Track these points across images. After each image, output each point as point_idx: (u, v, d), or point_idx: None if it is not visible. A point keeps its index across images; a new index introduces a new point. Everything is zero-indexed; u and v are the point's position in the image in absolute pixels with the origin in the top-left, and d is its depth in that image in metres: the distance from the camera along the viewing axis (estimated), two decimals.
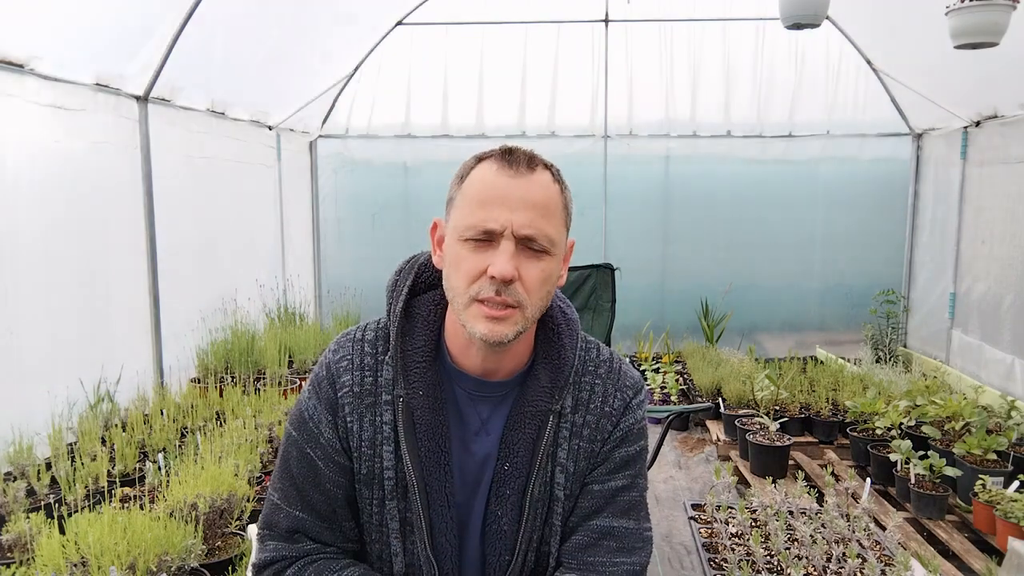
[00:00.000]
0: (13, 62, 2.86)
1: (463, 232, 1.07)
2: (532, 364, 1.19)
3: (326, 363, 1.18)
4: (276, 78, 4.90)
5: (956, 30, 3.08)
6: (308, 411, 1.17)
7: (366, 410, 1.15)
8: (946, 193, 5.06)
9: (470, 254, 1.07)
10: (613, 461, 1.19)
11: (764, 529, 1.70)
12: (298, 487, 1.17)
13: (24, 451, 2.72)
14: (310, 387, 1.18)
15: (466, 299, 1.08)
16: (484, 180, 1.08)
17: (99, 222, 3.44)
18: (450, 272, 1.10)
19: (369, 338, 1.19)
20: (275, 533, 1.18)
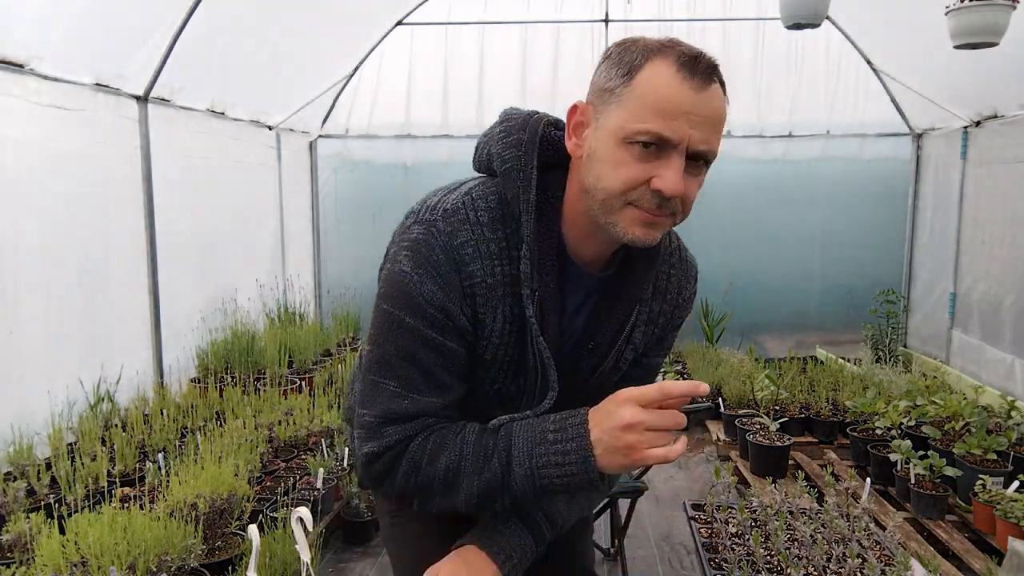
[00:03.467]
0: (13, 62, 2.86)
1: (632, 135, 1.01)
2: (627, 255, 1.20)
3: (441, 246, 1.10)
4: (276, 78, 4.89)
5: (956, 30, 3.08)
6: (425, 296, 1.09)
7: (499, 301, 1.12)
8: (946, 193, 5.06)
9: (634, 160, 1.02)
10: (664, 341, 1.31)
11: (764, 529, 1.70)
12: (424, 371, 1.13)
13: (24, 451, 2.72)
14: (421, 269, 1.09)
15: (620, 202, 1.05)
16: (667, 87, 1.00)
17: (99, 222, 3.44)
18: (603, 171, 1.05)
19: (485, 220, 1.12)
20: (394, 421, 1.14)
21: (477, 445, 1.11)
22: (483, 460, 1.10)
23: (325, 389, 4.04)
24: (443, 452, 1.12)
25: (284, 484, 2.83)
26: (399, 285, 1.11)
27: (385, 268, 1.17)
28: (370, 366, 1.17)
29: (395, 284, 1.12)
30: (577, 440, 1.04)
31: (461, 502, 1.13)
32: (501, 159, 1.15)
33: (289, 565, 2.30)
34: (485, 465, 1.10)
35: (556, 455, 1.05)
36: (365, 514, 3.03)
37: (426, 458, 1.13)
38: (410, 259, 1.11)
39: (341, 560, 2.90)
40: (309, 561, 1.84)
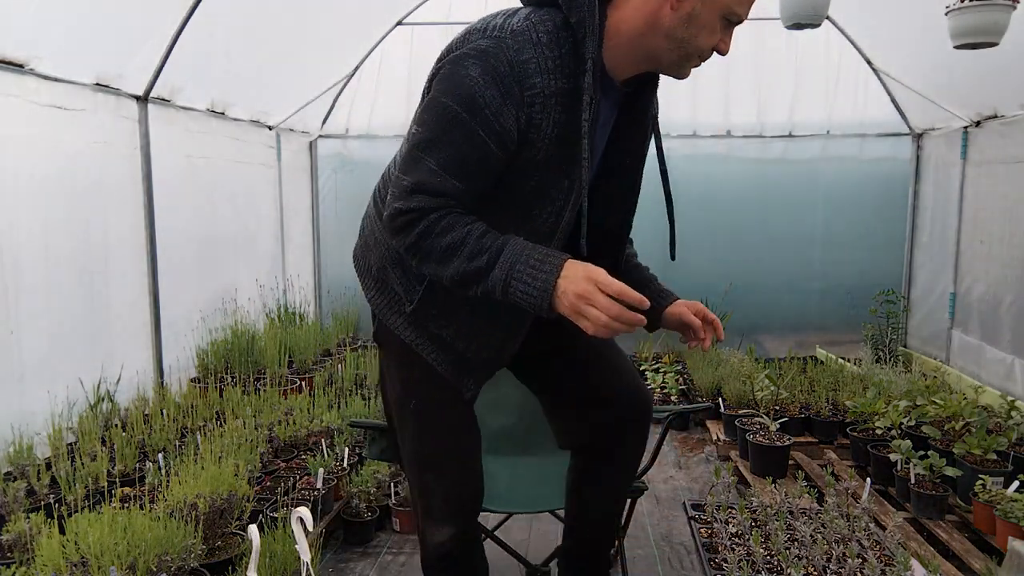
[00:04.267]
0: (13, 62, 2.86)
1: (731, 15, 1.38)
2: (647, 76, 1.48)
3: (508, 60, 1.29)
4: (276, 78, 4.89)
5: (956, 30, 3.08)
6: (485, 99, 1.29)
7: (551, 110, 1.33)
8: (946, 193, 5.06)
9: (719, 30, 1.39)
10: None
11: (764, 529, 1.70)
12: (462, 161, 1.33)
13: (24, 451, 2.72)
14: (486, 76, 1.29)
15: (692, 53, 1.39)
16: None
17: (99, 222, 3.44)
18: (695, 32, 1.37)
19: (545, 40, 1.32)
20: (424, 191, 1.34)
21: (478, 240, 1.33)
22: (477, 253, 1.32)
23: (325, 389, 4.04)
24: (451, 231, 1.33)
25: (284, 484, 2.83)
26: (464, 86, 1.30)
27: (446, 70, 1.34)
28: (418, 143, 1.35)
29: (459, 84, 1.31)
30: (548, 273, 1.28)
31: (447, 276, 1.36)
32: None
33: (289, 565, 2.30)
34: (476, 257, 1.32)
35: (528, 276, 1.29)
36: (365, 514, 3.03)
37: (436, 229, 1.33)
38: (478, 66, 1.30)
39: (341, 560, 2.90)
40: (309, 561, 1.84)
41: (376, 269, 1.62)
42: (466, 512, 1.71)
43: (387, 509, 3.13)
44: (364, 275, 1.68)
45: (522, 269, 1.30)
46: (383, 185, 1.63)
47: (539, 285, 1.29)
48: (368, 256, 1.65)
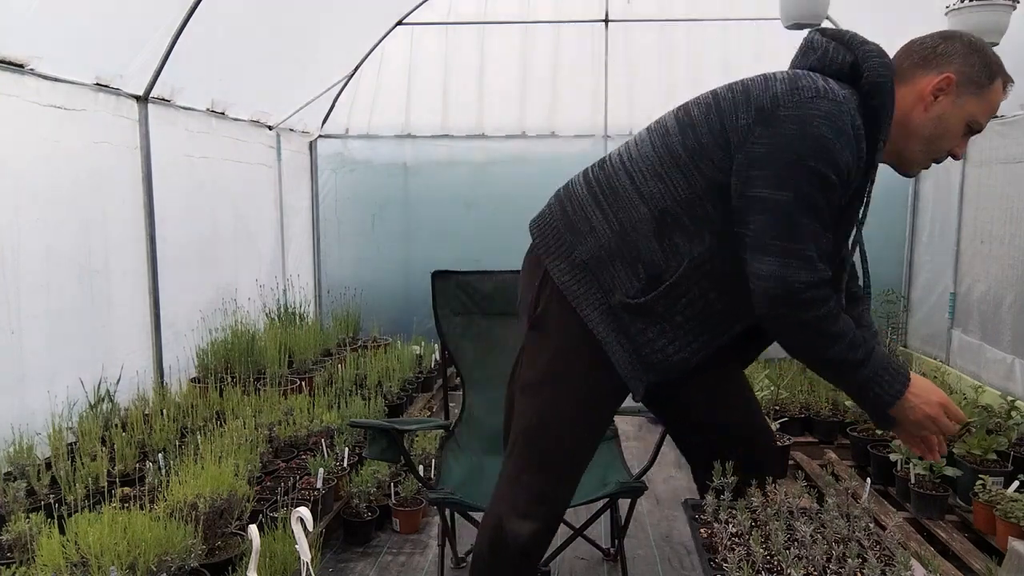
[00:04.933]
0: (13, 62, 2.86)
1: (975, 124, 1.52)
2: None
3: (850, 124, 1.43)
4: (276, 78, 4.89)
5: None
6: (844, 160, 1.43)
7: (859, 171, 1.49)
8: (946, 193, 5.06)
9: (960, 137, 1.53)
10: None
11: (764, 529, 1.69)
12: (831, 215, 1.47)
13: (24, 451, 2.72)
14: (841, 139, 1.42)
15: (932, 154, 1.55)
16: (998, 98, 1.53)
17: (99, 222, 3.44)
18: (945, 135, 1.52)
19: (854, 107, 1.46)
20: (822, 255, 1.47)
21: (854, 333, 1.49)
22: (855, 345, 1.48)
23: (325, 389, 4.03)
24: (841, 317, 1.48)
25: (284, 484, 2.83)
26: (823, 148, 1.41)
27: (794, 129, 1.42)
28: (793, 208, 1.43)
29: (819, 146, 1.41)
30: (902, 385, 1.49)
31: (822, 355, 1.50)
32: (877, 72, 1.47)
33: (289, 565, 2.30)
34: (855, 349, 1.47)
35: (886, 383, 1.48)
36: (365, 514, 3.03)
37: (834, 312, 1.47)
38: (830, 128, 1.41)
39: (341, 560, 2.90)
40: (309, 561, 1.84)
41: (589, 258, 1.62)
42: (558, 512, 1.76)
43: (387, 509, 3.13)
44: (561, 256, 1.66)
45: (882, 375, 1.48)
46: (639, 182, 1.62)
47: (893, 392, 1.48)
48: (578, 242, 1.64)
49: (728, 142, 1.48)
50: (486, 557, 1.77)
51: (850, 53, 1.51)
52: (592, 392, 1.68)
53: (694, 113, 1.55)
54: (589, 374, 1.66)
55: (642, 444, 4.21)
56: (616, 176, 1.64)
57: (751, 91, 1.51)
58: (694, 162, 1.52)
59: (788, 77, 1.49)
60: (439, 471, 2.48)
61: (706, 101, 1.56)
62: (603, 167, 1.68)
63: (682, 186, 1.54)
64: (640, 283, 1.58)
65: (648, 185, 1.58)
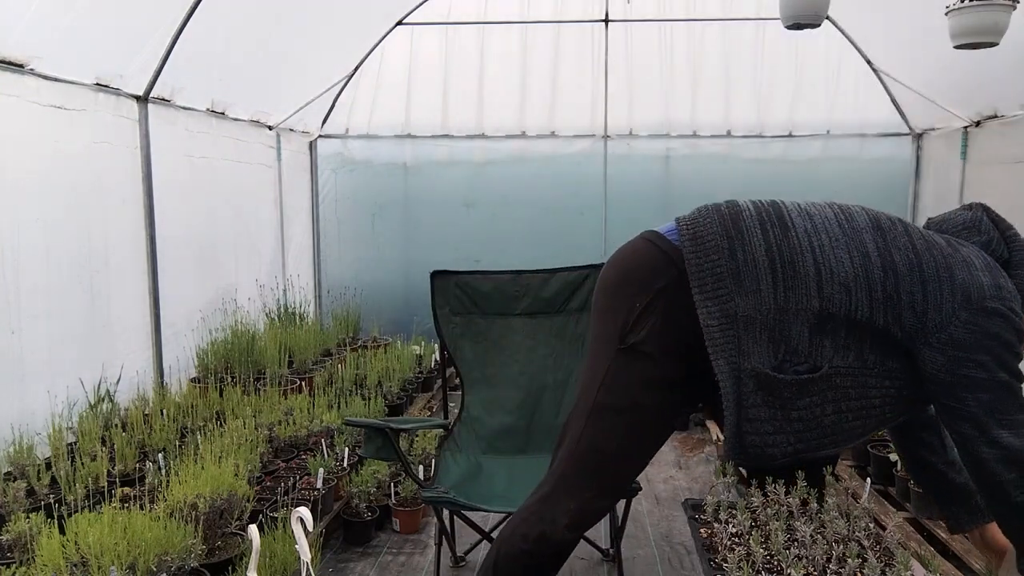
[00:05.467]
0: (13, 62, 2.86)
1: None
2: None
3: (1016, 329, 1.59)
4: (276, 78, 4.89)
5: (956, 30, 3.08)
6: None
7: None
8: (946, 193, 5.05)
9: None
10: None
11: (764, 529, 1.70)
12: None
13: (24, 451, 2.72)
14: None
15: None
16: None
17: (99, 222, 3.44)
18: None
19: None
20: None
21: None
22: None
23: (325, 389, 4.03)
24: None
25: (284, 484, 2.83)
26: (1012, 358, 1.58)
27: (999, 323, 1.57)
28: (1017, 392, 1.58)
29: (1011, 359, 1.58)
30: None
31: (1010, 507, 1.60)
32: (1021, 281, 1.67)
33: (289, 565, 2.30)
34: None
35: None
36: (365, 514, 3.03)
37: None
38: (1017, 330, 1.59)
39: (341, 560, 2.90)
40: (309, 561, 1.84)
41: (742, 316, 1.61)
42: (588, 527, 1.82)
43: (387, 509, 3.14)
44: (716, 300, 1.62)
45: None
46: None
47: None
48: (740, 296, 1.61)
49: (926, 314, 1.58)
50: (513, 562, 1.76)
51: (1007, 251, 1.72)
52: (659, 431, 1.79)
53: (897, 260, 1.61)
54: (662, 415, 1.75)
55: None
56: (802, 256, 1.62)
57: (955, 274, 1.60)
58: (884, 303, 1.59)
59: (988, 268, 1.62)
60: (436, 470, 2.49)
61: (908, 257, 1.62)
62: (787, 235, 1.64)
63: (863, 311, 1.59)
64: (774, 362, 1.62)
65: (832, 288, 1.59)
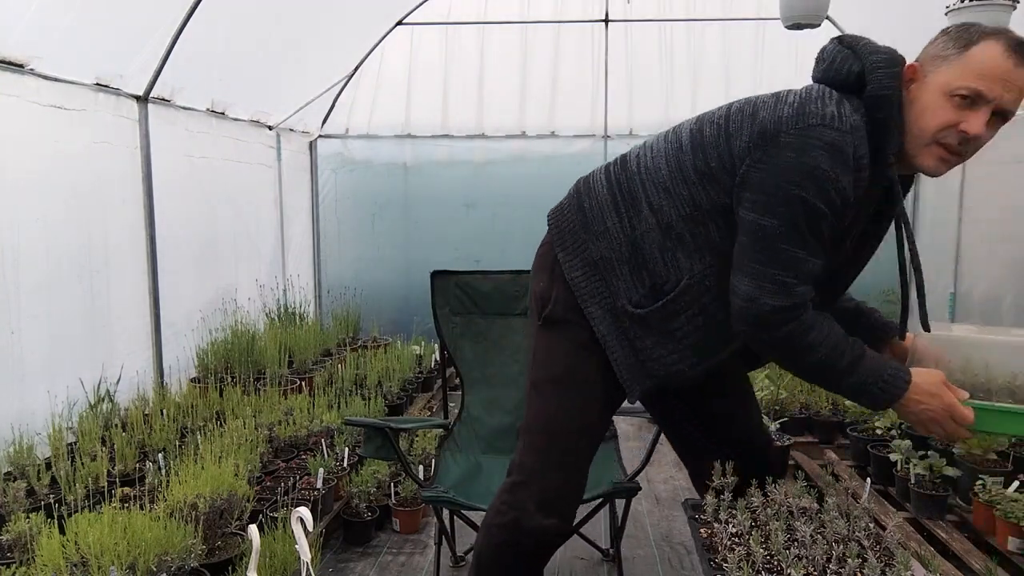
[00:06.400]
0: (13, 62, 2.86)
1: (955, 90, 1.37)
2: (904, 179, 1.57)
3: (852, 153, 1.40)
4: (276, 78, 4.89)
5: None
6: (838, 190, 1.41)
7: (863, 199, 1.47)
8: (946, 193, 5.05)
9: (951, 108, 1.37)
10: None
11: (764, 529, 1.70)
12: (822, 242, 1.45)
13: (24, 451, 2.72)
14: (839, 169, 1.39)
15: (930, 139, 1.40)
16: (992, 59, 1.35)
17: (99, 222, 3.44)
18: (923, 114, 1.41)
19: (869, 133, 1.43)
20: (803, 280, 1.46)
21: (837, 342, 1.48)
22: (837, 354, 1.47)
23: (325, 389, 4.03)
24: (813, 329, 1.47)
25: (284, 484, 2.83)
26: (818, 178, 1.39)
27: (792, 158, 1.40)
28: (779, 235, 1.43)
29: (814, 177, 1.39)
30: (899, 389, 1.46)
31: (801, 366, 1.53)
32: (881, 85, 1.43)
33: (289, 565, 2.30)
34: (837, 358, 1.47)
35: (879, 390, 1.47)
36: (365, 514, 3.03)
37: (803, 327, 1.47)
38: (828, 158, 1.39)
39: (341, 560, 2.90)
40: (309, 561, 1.84)
41: (600, 259, 1.64)
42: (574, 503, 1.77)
43: (387, 509, 3.13)
44: (574, 252, 1.68)
45: (876, 382, 1.47)
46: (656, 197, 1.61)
47: (887, 399, 1.48)
48: (592, 241, 1.66)
49: (735, 168, 1.48)
50: (495, 557, 1.77)
51: (858, 62, 1.47)
52: (598, 392, 1.70)
53: (707, 133, 1.54)
54: (596, 374, 1.68)
55: (642, 444, 4.21)
56: (633, 181, 1.64)
57: (759, 112, 1.48)
58: (702, 183, 1.53)
59: (799, 100, 1.46)
60: (436, 470, 2.49)
61: (719, 121, 1.53)
62: (625, 167, 1.68)
63: (687, 204, 1.55)
64: (643, 291, 1.60)
65: (657, 197, 1.58)
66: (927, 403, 1.46)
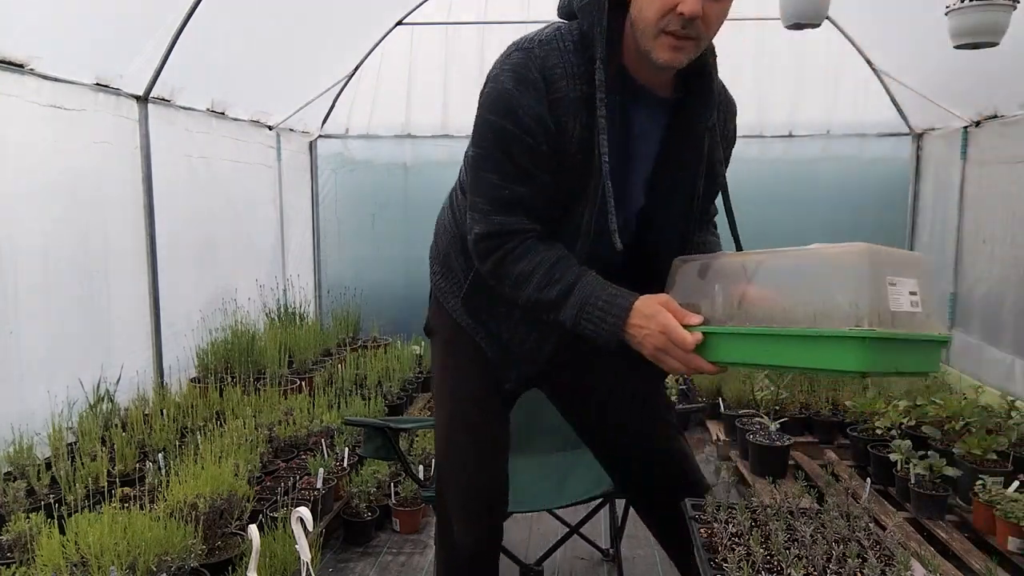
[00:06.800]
0: (13, 62, 2.86)
1: None
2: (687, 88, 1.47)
3: (537, 67, 1.37)
4: (276, 78, 4.89)
5: (956, 30, 3.08)
6: (524, 107, 1.37)
7: (578, 112, 1.38)
8: (946, 193, 5.06)
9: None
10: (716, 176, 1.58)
11: (764, 529, 1.70)
12: (520, 166, 1.39)
13: (24, 451, 2.72)
14: (521, 86, 1.37)
15: (655, 30, 1.32)
16: None
17: (99, 222, 3.44)
18: (641, 9, 1.33)
19: (570, 48, 1.39)
20: (499, 206, 1.42)
21: (548, 270, 1.40)
22: (547, 284, 1.40)
23: (325, 389, 4.03)
24: (523, 259, 1.42)
25: (284, 484, 2.83)
26: (502, 100, 1.38)
27: (487, 88, 1.42)
28: (476, 162, 1.44)
29: (499, 99, 1.39)
30: (617, 317, 1.35)
31: (521, 301, 1.45)
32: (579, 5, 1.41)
33: (289, 565, 2.30)
34: (546, 288, 1.40)
35: (596, 319, 1.36)
36: (365, 514, 3.03)
37: (511, 257, 1.42)
38: (512, 78, 1.38)
39: (341, 560, 2.90)
40: (309, 561, 1.84)
41: (443, 254, 1.70)
42: (486, 513, 1.72)
43: (387, 509, 3.14)
44: (434, 258, 1.76)
45: (591, 311, 1.37)
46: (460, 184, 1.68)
47: (608, 328, 1.36)
48: (439, 240, 1.75)
49: None
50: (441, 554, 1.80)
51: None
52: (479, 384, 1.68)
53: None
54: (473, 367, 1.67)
55: None
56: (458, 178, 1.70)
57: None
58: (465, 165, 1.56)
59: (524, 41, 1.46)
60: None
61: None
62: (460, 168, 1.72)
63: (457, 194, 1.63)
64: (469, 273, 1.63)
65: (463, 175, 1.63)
66: (646, 326, 1.33)
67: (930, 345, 1.26)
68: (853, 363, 1.14)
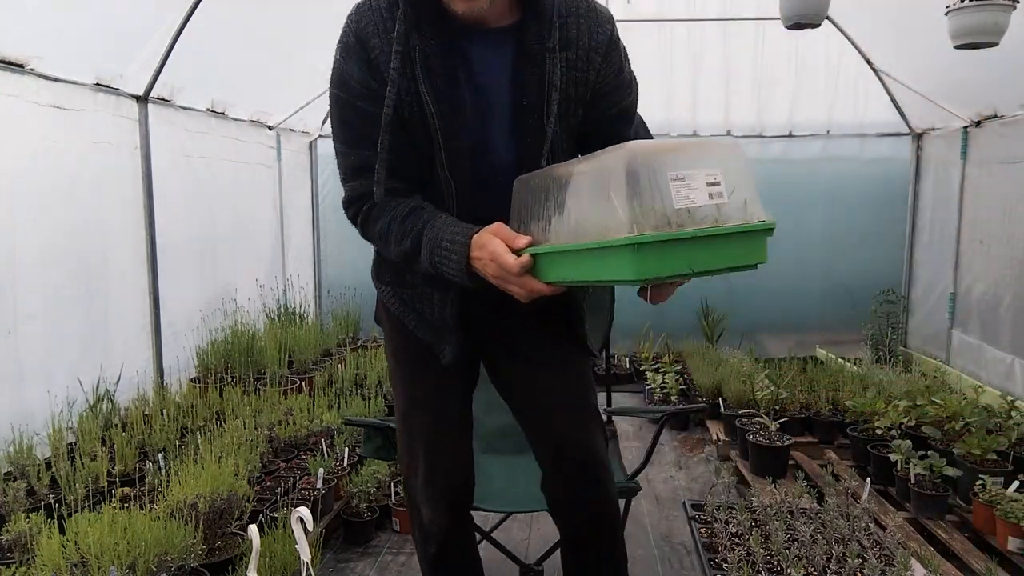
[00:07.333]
0: (13, 62, 2.86)
1: None
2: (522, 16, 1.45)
3: (353, 31, 1.43)
4: (276, 78, 4.89)
5: (956, 30, 3.08)
6: (347, 73, 1.44)
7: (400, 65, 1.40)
8: (946, 193, 5.06)
9: None
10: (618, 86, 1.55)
11: (764, 529, 1.70)
12: (359, 131, 1.45)
13: (24, 451, 2.72)
14: (342, 54, 1.44)
15: None
16: None
17: (99, 222, 3.44)
18: None
19: (384, 5, 1.42)
20: (351, 173, 1.50)
21: (401, 223, 1.45)
22: (402, 236, 1.44)
23: (325, 389, 4.03)
24: (380, 218, 1.48)
25: (284, 484, 2.83)
26: (335, 71, 1.46)
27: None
28: (333, 137, 1.52)
29: (334, 71, 1.46)
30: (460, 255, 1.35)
31: (394, 258, 1.50)
32: None
33: (289, 565, 2.30)
34: (402, 240, 1.44)
35: (445, 260, 1.38)
36: (365, 514, 3.03)
37: (370, 217, 1.50)
38: (339, 48, 1.46)
39: (341, 560, 2.90)
40: (309, 561, 1.84)
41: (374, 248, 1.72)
42: (451, 500, 1.70)
43: (387, 509, 3.13)
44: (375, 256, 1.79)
45: (440, 252, 1.39)
46: None
47: (455, 268, 1.37)
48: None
49: None
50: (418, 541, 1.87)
51: None
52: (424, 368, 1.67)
53: None
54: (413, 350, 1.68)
55: (642, 444, 4.21)
56: None
57: None
58: None
59: None
60: None
61: None
62: None
63: None
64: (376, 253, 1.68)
65: None
66: (481, 256, 1.33)
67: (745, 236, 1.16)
68: (631, 272, 1.09)
